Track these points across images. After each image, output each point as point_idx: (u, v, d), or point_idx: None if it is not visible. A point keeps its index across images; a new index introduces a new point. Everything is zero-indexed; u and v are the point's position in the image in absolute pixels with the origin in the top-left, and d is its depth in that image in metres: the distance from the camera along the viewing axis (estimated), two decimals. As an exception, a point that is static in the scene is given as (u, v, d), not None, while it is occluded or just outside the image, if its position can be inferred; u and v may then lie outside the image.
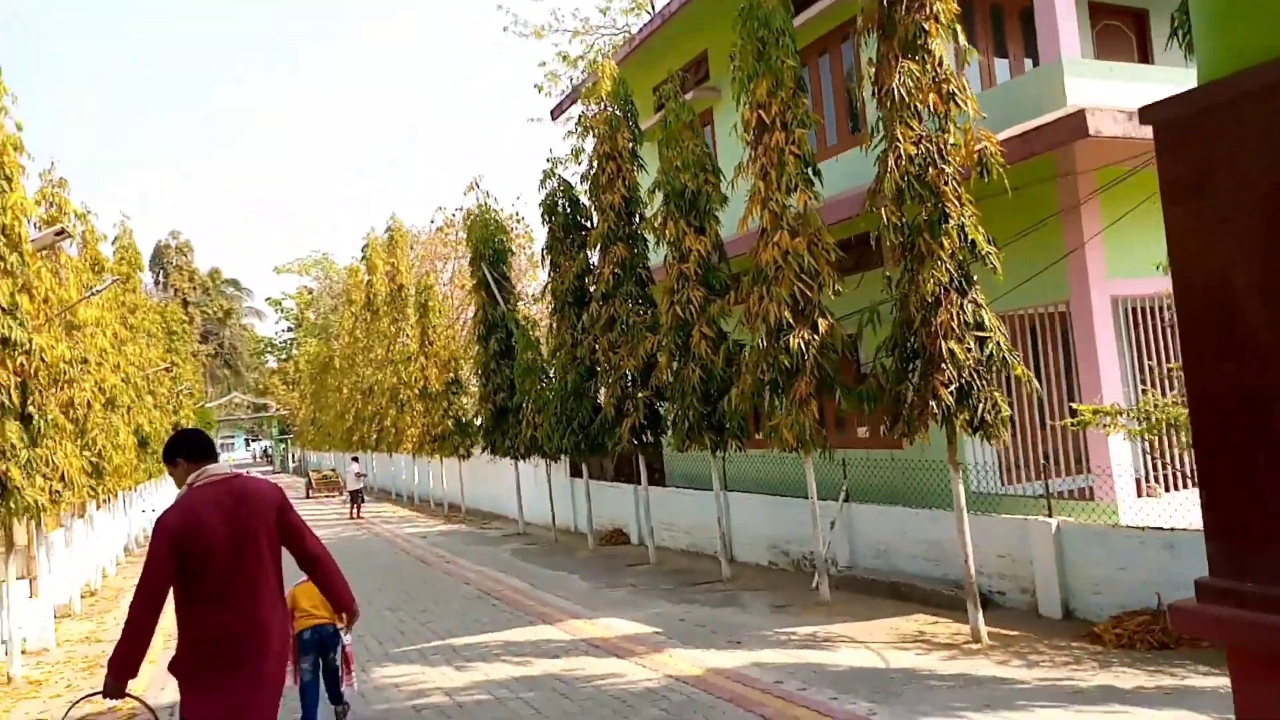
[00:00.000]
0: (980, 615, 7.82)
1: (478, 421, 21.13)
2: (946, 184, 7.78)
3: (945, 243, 7.67)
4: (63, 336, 13.18)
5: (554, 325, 15.81)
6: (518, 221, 30.19)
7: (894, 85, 7.80)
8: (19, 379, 9.19)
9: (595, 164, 13.50)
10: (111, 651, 3.86)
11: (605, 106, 13.42)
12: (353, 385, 36.09)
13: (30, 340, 9.32)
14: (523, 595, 11.37)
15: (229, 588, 3.90)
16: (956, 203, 7.80)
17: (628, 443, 13.05)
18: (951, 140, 7.95)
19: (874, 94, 8.25)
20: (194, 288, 71.30)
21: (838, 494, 10.94)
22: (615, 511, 16.46)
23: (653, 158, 15.79)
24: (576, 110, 15.05)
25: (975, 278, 7.98)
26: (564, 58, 24.43)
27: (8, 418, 9.07)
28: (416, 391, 25.86)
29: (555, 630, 9.12)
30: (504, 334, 18.63)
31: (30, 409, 9.38)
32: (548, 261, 15.83)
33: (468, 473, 24.13)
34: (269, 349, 76.69)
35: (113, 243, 22.63)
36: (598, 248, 13.81)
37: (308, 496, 35.91)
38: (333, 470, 42.28)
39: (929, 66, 7.93)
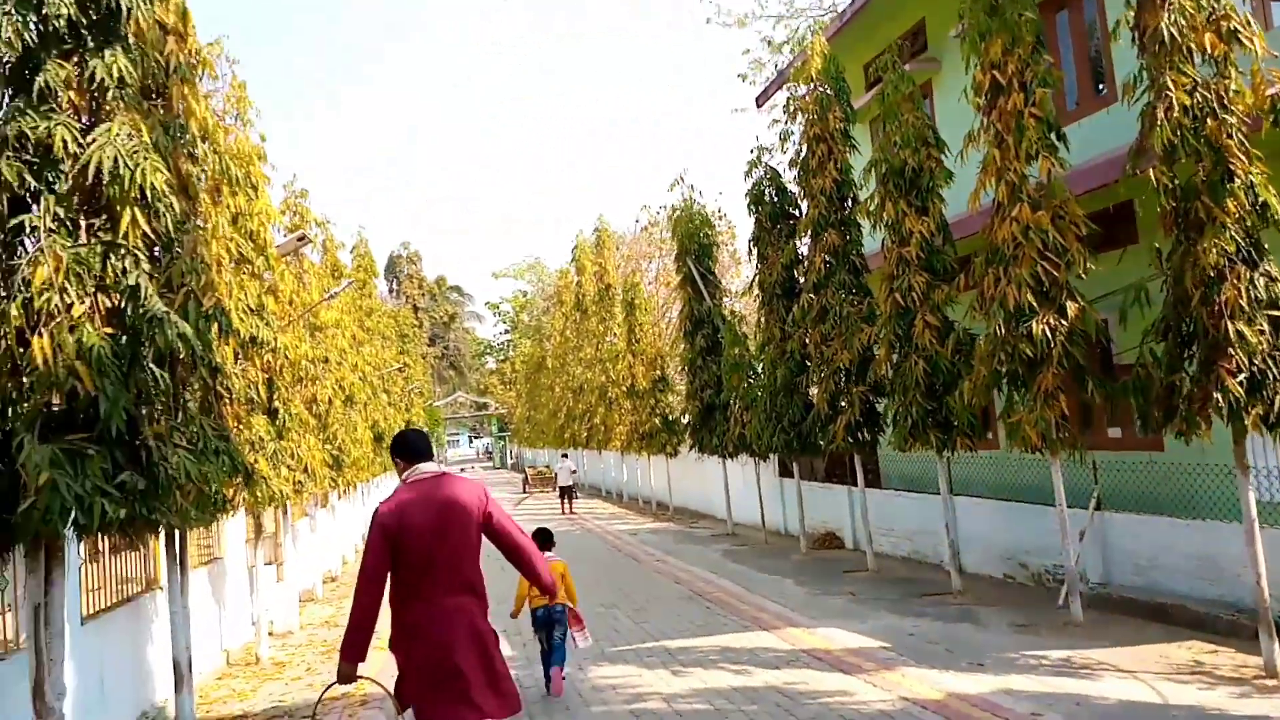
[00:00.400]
0: (1276, 646, 6.58)
1: (685, 419, 21.00)
2: (1230, 136, 6.61)
3: (1230, 205, 6.51)
4: (306, 337, 14.23)
5: (762, 319, 15.32)
6: (720, 218, 29.90)
7: (1161, 25, 6.72)
8: (266, 375, 9.86)
9: (804, 147, 12.89)
10: (342, 638, 4.28)
11: (815, 86, 12.77)
12: (564, 384, 37.24)
13: (275, 339, 9.97)
14: (736, 598, 10.97)
15: (428, 577, 4.20)
16: (1243, 158, 6.61)
17: (842, 441, 12.34)
18: (1233, 86, 6.76)
19: (1133, 39, 7.17)
20: (423, 294, 76.55)
21: (1088, 501, 9.74)
22: (828, 513, 15.75)
23: (865, 140, 14.99)
24: (782, 97, 14.49)
25: (1267, 247, 6.74)
26: (769, 44, 23.86)
27: (256, 412, 9.74)
28: (624, 389, 26.16)
29: (773, 638, 8.64)
30: (710, 330, 18.35)
31: (276, 404, 10.05)
32: (754, 253, 15.37)
33: (675, 471, 24.11)
34: (488, 351, 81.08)
35: (350, 251, 24.51)
36: (808, 235, 13.19)
37: (524, 492, 37.37)
38: (547, 467, 43.88)
39: (1203, 1, 6.79)
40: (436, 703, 4.13)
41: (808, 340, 13.57)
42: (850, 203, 12.85)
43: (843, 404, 12.44)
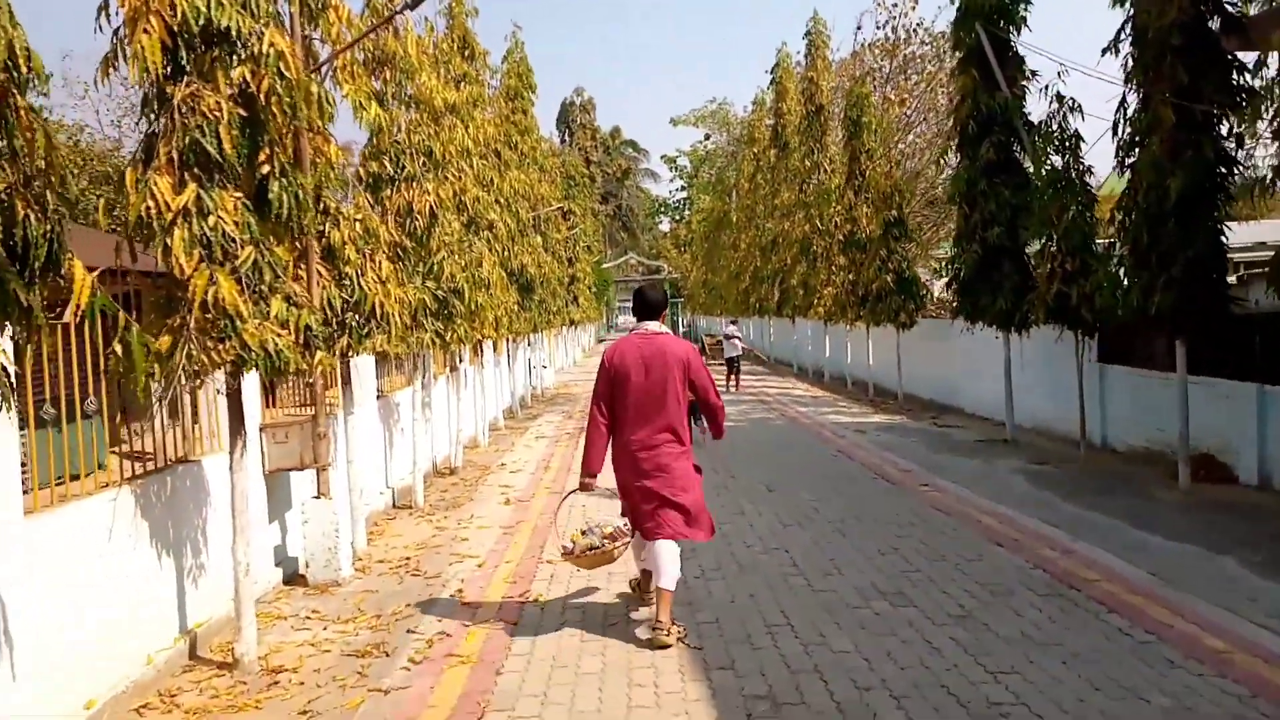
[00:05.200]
0: None
1: (945, 272, 15.00)
2: None
3: None
4: (402, 111, 9.30)
5: (1131, 97, 9.05)
6: None
7: None
8: (242, 114, 4.88)
9: None
10: (582, 454, 5.41)
11: None
12: (750, 241, 31.58)
13: (265, 45, 4.95)
14: (1150, 596, 5.44)
15: (634, 413, 5.24)
16: None
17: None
18: None
19: None
20: (596, 146, 71.30)
21: None
22: (1197, 425, 9.67)
23: None
24: None
25: None
26: None
27: (224, 186, 4.85)
28: (840, 239, 20.23)
29: None
30: (1004, 135, 12.09)
31: (265, 169, 5.10)
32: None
33: (905, 347, 18.22)
34: (663, 209, 75.77)
35: (503, 58, 19.40)
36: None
37: (701, 362, 32.50)
38: (725, 337, 38.83)
39: None
40: (636, 514, 5.30)
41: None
42: None
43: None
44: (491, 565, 6.91)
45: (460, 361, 12.75)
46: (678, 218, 71.50)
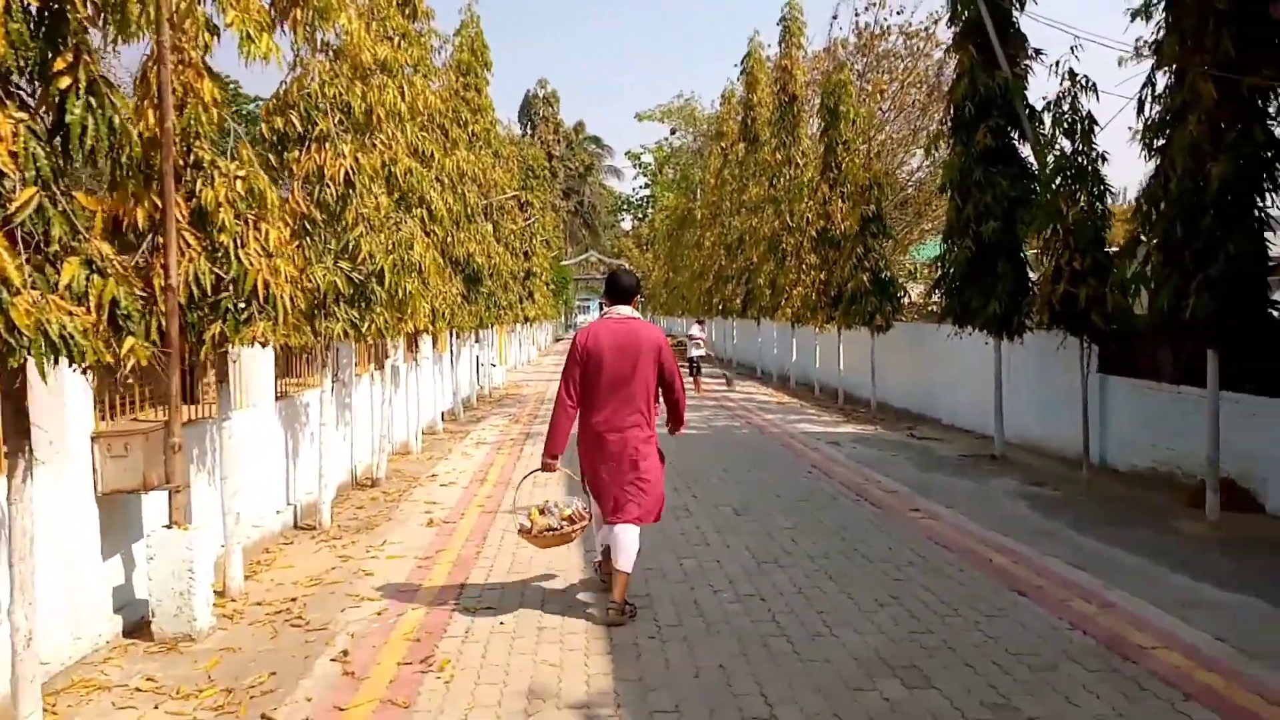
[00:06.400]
0: None
1: (910, 284, 13.83)
2: None
3: None
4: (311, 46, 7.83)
5: (1165, 76, 7.90)
6: None
7: None
8: (32, 1, 3.44)
9: None
10: (546, 435, 5.43)
11: None
12: (715, 239, 30.39)
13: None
14: (1229, 674, 4.21)
15: (603, 397, 5.28)
16: None
17: None
18: None
19: None
20: (558, 140, 69.69)
21: None
22: (1198, 444, 8.55)
23: None
24: None
25: None
26: None
27: (1, 104, 3.40)
28: (812, 236, 19.05)
29: None
30: (1003, 119, 10.93)
31: (64, 83, 3.66)
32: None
33: (880, 352, 17.07)
34: (625, 207, 74.39)
35: (456, 32, 17.92)
36: None
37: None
38: (689, 337, 37.63)
39: None
40: (599, 496, 5.37)
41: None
42: None
43: None
44: (394, 613, 5.50)
45: (389, 358, 11.26)
46: (640, 216, 70.27)
